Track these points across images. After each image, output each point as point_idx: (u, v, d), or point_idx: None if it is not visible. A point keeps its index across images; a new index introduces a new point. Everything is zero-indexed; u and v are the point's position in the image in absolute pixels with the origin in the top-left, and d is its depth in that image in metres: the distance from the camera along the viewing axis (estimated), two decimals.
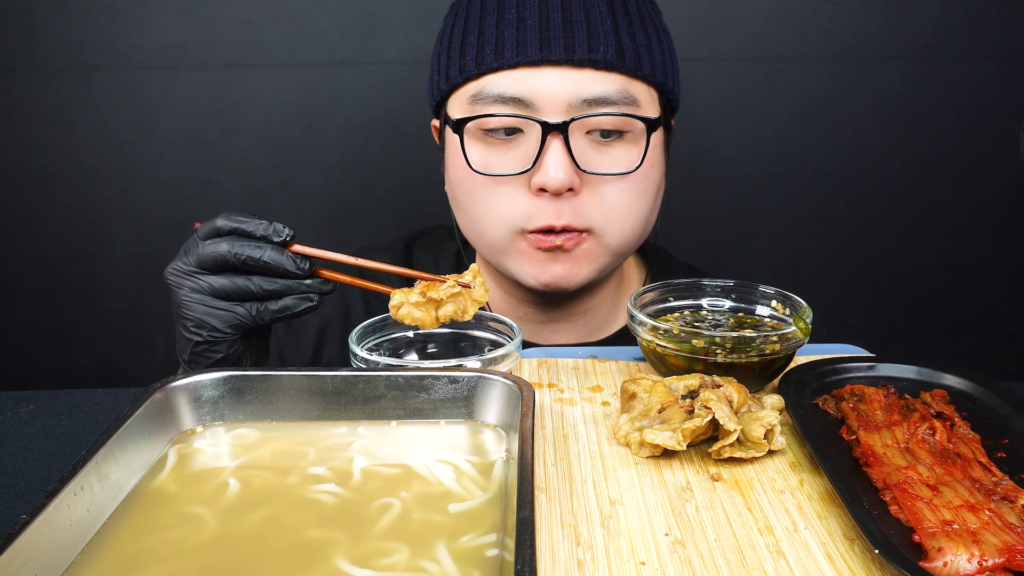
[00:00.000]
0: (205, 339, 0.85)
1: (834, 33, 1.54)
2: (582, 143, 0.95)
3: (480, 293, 0.82)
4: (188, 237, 0.85)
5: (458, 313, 0.81)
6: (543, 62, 0.94)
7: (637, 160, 0.97)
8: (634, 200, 0.99)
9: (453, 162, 1.02)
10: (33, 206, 1.57)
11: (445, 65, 1.01)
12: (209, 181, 1.58)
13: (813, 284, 1.68)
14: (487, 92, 0.96)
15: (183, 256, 0.85)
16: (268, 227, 0.83)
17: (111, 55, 1.50)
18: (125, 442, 0.63)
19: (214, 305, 0.84)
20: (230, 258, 0.82)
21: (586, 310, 1.12)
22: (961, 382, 0.79)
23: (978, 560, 0.53)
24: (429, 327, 0.81)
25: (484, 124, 0.97)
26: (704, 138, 1.60)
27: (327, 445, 0.70)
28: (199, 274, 0.84)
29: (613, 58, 0.94)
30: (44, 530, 0.53)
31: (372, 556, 0.56)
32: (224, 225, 0.83)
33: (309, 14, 1.51)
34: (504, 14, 0.97)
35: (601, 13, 0.96)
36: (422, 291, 0.82)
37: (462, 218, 1.05)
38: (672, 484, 0.66)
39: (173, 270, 0.85)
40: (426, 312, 0.81)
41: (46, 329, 1.65)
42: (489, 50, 0.96)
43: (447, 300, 0.81)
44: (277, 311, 0.85)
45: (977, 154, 1.61)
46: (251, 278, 0.84)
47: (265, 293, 0.84)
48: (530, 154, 0.95)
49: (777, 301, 0.88)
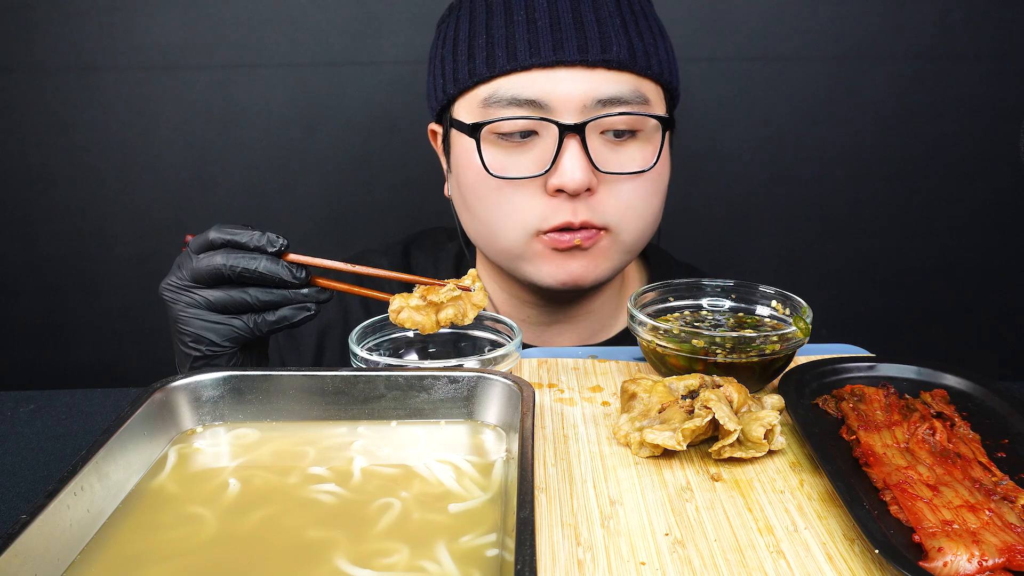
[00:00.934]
0: (204, 354, 0.85)
1: (834, 33, 1.54)
2: (597, 143, 0.95)
3: (480, 297, 0.82)
4: (188, 237, 0.85)
5: (458, 317, 0.81)
6: (557, 63, 0.93)
7: (651, 158, 0.97)
8: (648, 198, 0.99)
9: (464, 166, 1.00)
10: (33, 206, 1.57)
11: (451, 69, 0.99)
12: (209, 181, 1.58)
13: (813, 284, 1.68)
14: (500, 95, 0.95)
15: (177, 271, 0.84)
16: (261, 238, 0.82)
17: (111, 55, 1.50)
18: (125, 442, 0.63)
19: (211, 319, 0.84)
20: (225, 271, 0.81)
21: (589, 312, 1.12)
22: (961, 382, 0.79)
23: (978, 560, 0.53)
24: (429, 331, 0.81)
25: (499, 128, 0.96)
26: (704, 138, 1.60)
27: (327, 445, 0.70)
28: (194, 288, 0.83)
29: (626, 58, 0.95)
30: (44, 530, 0.53)
31: (372, 556, 0.56)
32: (217, 238, 0.82)
33: (309, 14, 1.51)
34: (513, 16, 0.96)
35: (610, 13, 0.96)
36: (422, 295, 0.82)
37: (472, 223, 1.04)
38: (672, 484, 0.66)
39: (168, 285, 0.84)
40: (426, 316, 0.80)
41: (46, 329, 1.65)
42: (500, 52, 0.95)
43: (447, 303, 0.81)
44: (274, 322, 0.84)
45: (977, 154, 1.61)
46: (247, 290, 0.83)
47: (262, 304, 0.83)
48: (546, 156, 0.94)
49: (777, 301, 0.88)
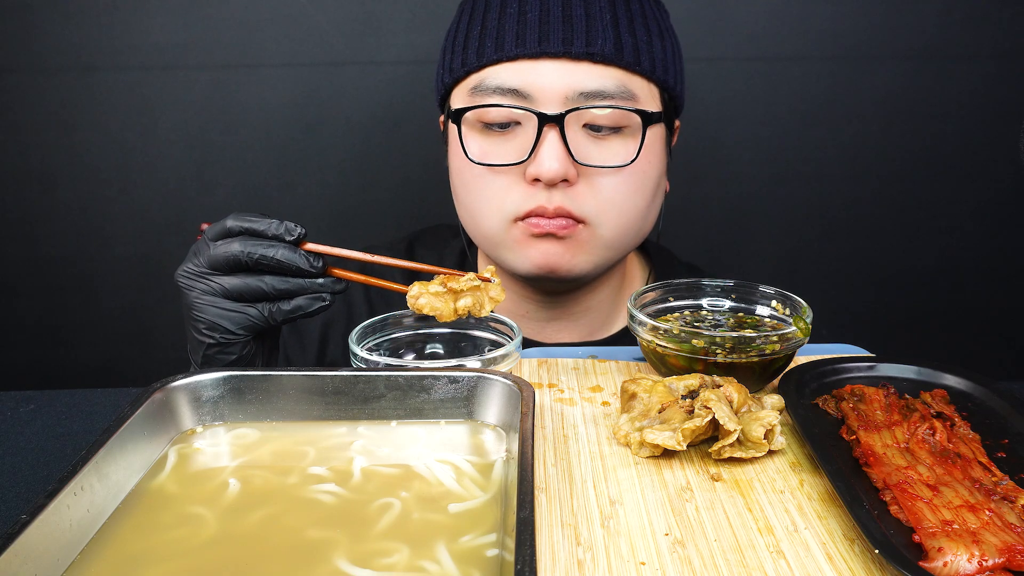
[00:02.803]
0: (218, 341, 0.85)
1: (834, 33, 1.54)
2: (579, 136, 0.96)
3: (497, 292, 0.83)
4: (189, 237, 0.85)
5: (475, 307, 0.81)
6: (541, 55, 0.95)
7: (633, 154, 0.97)
8: (629, 194, 0.99)
9: (453, 153, 1.03)
10: (33, 206, 1.57)
11: (449, 59, 1.02)
12: (209, 181, 1.58)
13: (813, 284, 1.68)
14: (487, 84, 0.97)
15: (193, 258, 0.84)
16: (280, 226, 0.83)
17: (111, 55, 1.50)
18: (125, 442, 0.63)
19: (226, 307, 0.84)
20: (243, 257, 0.82)
21: (588, 308, 1.12)
22: (961, 382, 0.79)
23: (978, 560, 0.53)
24: (447, 318, 0.81)
25: (483, 116, 0.97)
26: (704, 138, 1.60)
27: (327, 445, 0.70)
28: (210, 275, 0.84)
29: (611, 52, 0.95)
30: (44, 530, 0.53)
31: (372, 556, 0.56)
32: (235, 225, 0.83)
33: (309, 14, 1.51)
34: (506, 9, 0.98)
35: (601, 9, 0.97)
36: (442, 282, 0.82)
37: (461, 211, 1.06)
38: (672, 484, 0.66)
39: (184, 272, 0.85)
40: (445, 302, 0.81)
41: (46, 329, 1.65)
42: (490, 43, 0.97)
43: (466, 292, 0.82)
44: (289, 311, 0.84)
45: (977, 154, 1.61)
46: (263, 278, 0.83)
47: (277, 293, 0.84)
48: (527, 145, 0.96)
49: (777, 301, 0.88)
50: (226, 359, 0.86)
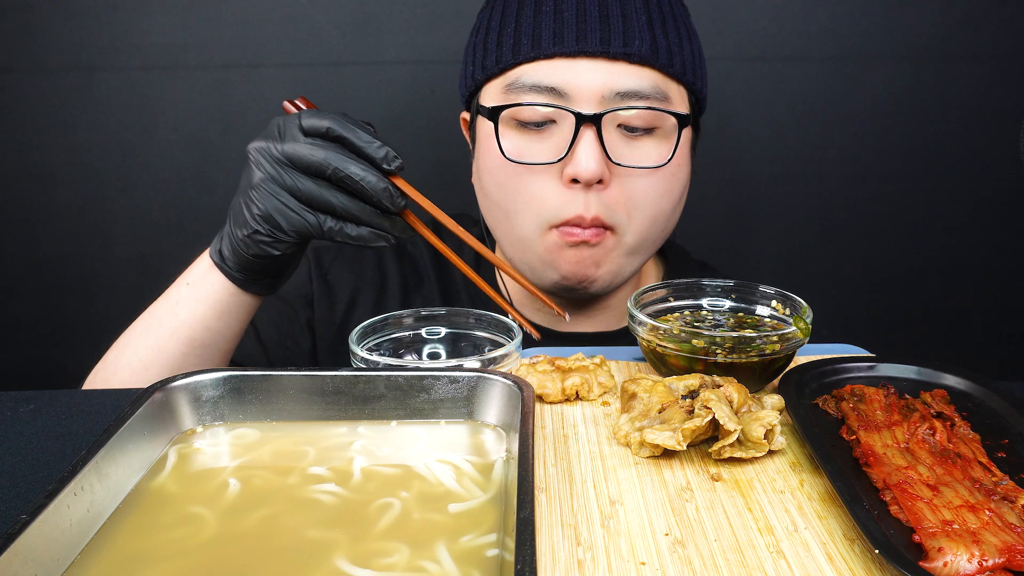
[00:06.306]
0: (264, 233, 0.81)
1: (834, 33, 1.54)
2: (613, 136, 0.96)
3: (606, 378, 0.81)
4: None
5: (584, 388, 0.79)
6: (579, 53, 0.94)
7: (667, 156, 0.97)
8: (659, 197, 1.00)
9: (485, 151, 1.02)
10: (33, 206, 1.57)
11: (481, 56, 1.01)
12: (209, 181, 1.58)
13: (813, 284, 1.68)
14: (523, 81, 0.96)
15: (275, 138, 0.79)
16: (380, 149, 0.78)
17: (111, 55, 1.50)
18: (125, 442, 0.63)
19: (289, 204, 0.79)
20: (328, 170, 0.77)
21: (606, 307, 1.13)
22: (961, 382, 0.79)
23: (978, 560, 0.53)
24: (553, 400, 0.79)
25: (518, 113, 0.97)
26: (703, 138, 1.59)
27: (327, 445, 0.70)
28: (286, 167, 0.78)
29: (648, 53, 0.95)
30: (44, 530, 0.53)
31: (372, 556, 0.56)
32: (333, 129, 0.78)
33: (309, 14, 1.50)
34: (542, 7, 0.97)
35: (636, 9, 0.97)
36: (549, 360, 0.82)
37: (492, 210, 1.04)
38: (672, 484, 0.66)
39: (259, 149, 0.80)
40: (553, 381, 0.79)
41: (46, 329, 1.64)
42: (526, 40, 0.96)
43: (574, 371, 0.81)
44: (353, 237, 0.80)
45: (977, 154, 1.61)
46: (338, 195, 0.79)
47: (347, 215, 0.79)
48: (563, 144, 0.95)
49: (777, 301, 0.88)
50: (269, 253, 0.82)
